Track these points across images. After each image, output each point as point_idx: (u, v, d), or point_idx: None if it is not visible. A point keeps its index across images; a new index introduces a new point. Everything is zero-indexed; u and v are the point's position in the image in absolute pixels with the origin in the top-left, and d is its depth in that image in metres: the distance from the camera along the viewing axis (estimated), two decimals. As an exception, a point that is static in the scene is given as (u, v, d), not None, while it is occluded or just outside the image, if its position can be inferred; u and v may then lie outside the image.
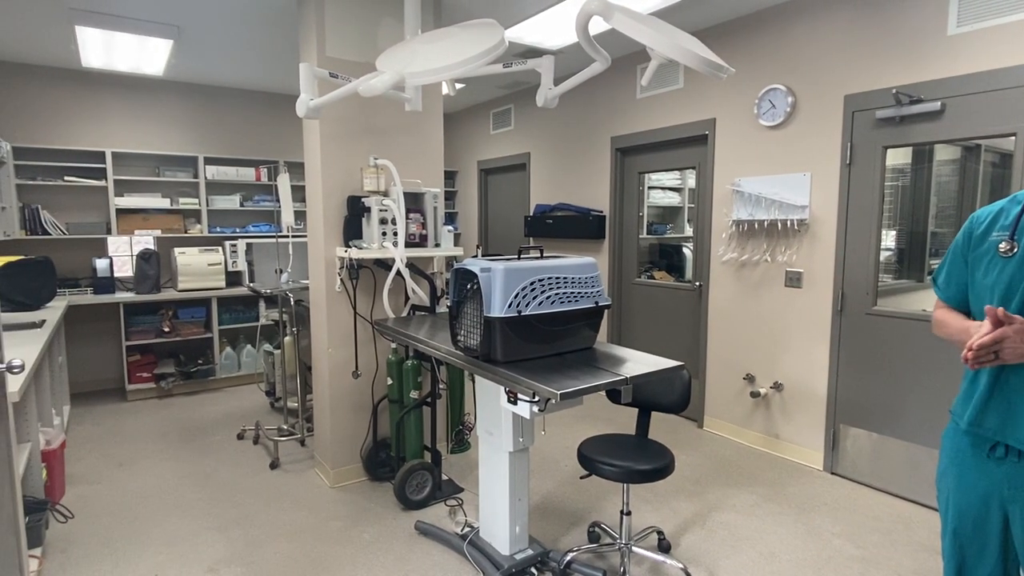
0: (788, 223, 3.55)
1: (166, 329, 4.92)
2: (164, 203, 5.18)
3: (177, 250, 5.01)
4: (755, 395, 3.79)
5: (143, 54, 4.35)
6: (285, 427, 3.89)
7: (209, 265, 5.03)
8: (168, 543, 2.72)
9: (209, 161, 5.36)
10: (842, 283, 3.35)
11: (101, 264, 4.84)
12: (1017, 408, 1.39)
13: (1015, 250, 1.40)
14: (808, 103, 3.46)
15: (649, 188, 4.87)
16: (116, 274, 4.95)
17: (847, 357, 3.36)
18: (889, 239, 3.28)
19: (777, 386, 3.72)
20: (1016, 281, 1.39)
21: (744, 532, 2.82)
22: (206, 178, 5.31)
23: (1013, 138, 2.72)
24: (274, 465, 3.54)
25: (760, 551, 2.66)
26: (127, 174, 5.06)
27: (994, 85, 2.72)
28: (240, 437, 4.03)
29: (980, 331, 1.32)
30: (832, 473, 3.46)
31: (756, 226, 3.74)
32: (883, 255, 3.25)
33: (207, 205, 5.36)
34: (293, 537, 2.78)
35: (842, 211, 3.32)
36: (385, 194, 3.10)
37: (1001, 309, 1.27)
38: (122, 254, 5.09)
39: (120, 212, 5.03)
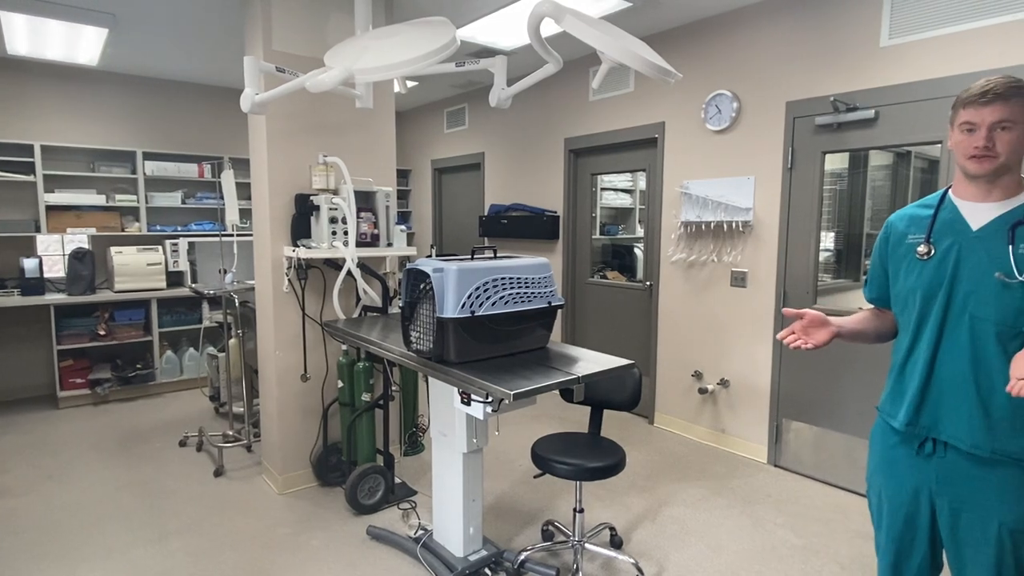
0: (733, 225, 3.67)
1: (102, 332, 4.68)
2: (99, 200, 4.92)
3: (113, 249, 4.77)
4: (703, 391, 3.90)
5: (75, 42, 4.12)
6: (230, 433, 3.76)
7: (148, 265, 4.81)
8: (103, 557, 2.58)
9: (148, 156, 5.12)
10: (784, 282, 3.48)
11: (29, 264, 4.56)
12: (947, 405, 1.45)
13: (932, 253, 1.47)
14: (752, 109, 3.57)
15: (602, 189, 4.94)
16: (46, 275, 4.66)
17: (789, 354, 3.49)
18: (828, 240, 3.43)
19: (723, 382, 3.83)
20: (935, 282, 1.46)
21: (693, 525, 2.89)
22: (145, 174, 5.08)
23: (939, 145, 2.89)
24: (219, 472, 3.42)
25: (708, 543, 2.73)
26: (58, 169, 4.79)
27: (923, 95, 2.88)
28: (182, 444, 3.87)
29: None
30: (776, 466, 3.59)
31: (703, 227, 3.84)
32: (822, 256, 3.39)
33: (146, 202, 5.13)
34: (239, 546, 2.68)
35: (784, 213, 3.45)
36: (335, 192, 3.03)
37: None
38: (53, 253, 4.81)
39: (50, 209, 4.75)
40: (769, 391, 3.59)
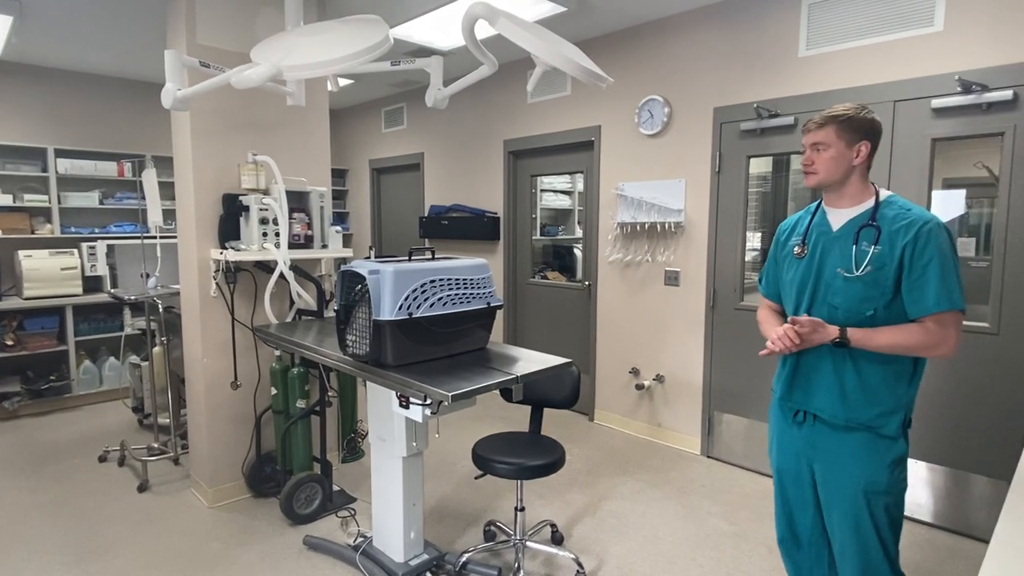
0: (666, 226, 3.79)
1: (9, 342, 4.34)
2: (5, 200, 4.56)
3: (22, 253, 4.43)
4: (640, 387, 4.00)
5: (-26, 29, 3.81)
6: (156, 445, 3.57)
7: (62, 270, 4.50)
8: (11, 585, 2.40)
9: (61, 153, 4.80)
10: (714, 281, 3.62)
11: (-78, 269, 4.18)
12: (811, 383, 1.72)
13: (805, 252, 1.74)
14: (682, 114, 3.70)
15: (542, 191, 4.99)
16: (-57, 281, 4.30)
17: (719, 349, 3.64)
18: (754, 240, 3.59)
19: (659, 378, 3.95)
20: (806, 277, 1.73)
21: (631, 518, 2.96)
22: (58, 172, 4.75)
23: (852, 151, 3.07)
24: (143, 487, 3.24)
25: (645, 535, 2.81)
26: (-44, 166, 4.41)
27: (838, 103, 3.04)
28: (102, 459, 3.64)
29: (778, 328, 1.65)
30: (709, 457, 3.73)
31: (638, 228, 3.95)
32: (749, 255, 3.55)
33: (59, 203, 4.79)
34: (165, 564, 2.55)
35: (713, 215, 3.59)
36: (266, 192, 2.93)
37: (794, 318, 1.62)
38: (-50, 258, 4.42)
39: (-53, 209, 4.38)
40: (702, 385, 3.73)
